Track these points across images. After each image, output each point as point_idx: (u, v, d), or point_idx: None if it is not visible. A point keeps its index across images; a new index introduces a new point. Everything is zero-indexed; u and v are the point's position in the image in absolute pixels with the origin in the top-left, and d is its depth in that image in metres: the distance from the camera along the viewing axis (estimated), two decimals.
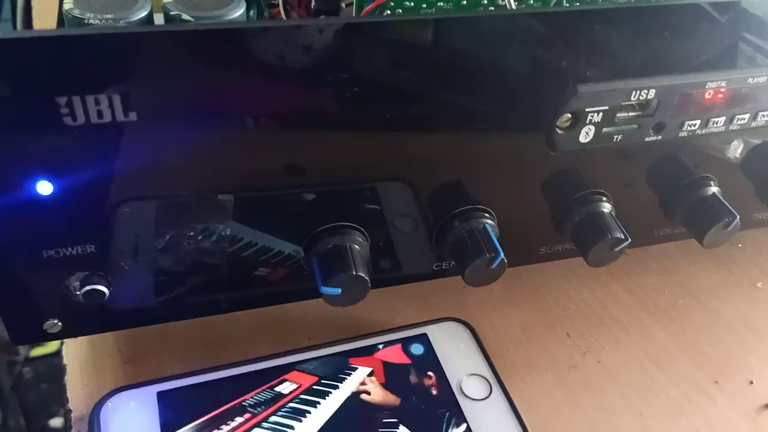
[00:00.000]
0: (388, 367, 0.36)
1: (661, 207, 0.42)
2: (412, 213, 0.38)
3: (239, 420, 0.33)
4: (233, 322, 0.41)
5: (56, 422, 1.15)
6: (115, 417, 0.34)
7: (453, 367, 0.38)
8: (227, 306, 0.36)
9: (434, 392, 0.36)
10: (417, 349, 0.39)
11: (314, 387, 0.35)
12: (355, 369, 0.36)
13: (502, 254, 0.36)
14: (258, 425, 0.33)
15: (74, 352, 0.39)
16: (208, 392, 0.35)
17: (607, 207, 0.39)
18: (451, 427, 0.34)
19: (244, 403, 0.33)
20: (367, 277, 0.34)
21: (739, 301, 0.46)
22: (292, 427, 0.33)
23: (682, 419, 0.38)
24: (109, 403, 0.34)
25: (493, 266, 0.36)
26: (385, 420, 0.33)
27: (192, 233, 0.32)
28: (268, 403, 0.34)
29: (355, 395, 0.35)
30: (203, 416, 0.33)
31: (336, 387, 0.34)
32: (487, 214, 0.38)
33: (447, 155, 0.36)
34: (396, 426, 0.33)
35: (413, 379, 0.36)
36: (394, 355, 0.37)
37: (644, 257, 0.48)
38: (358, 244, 0.35)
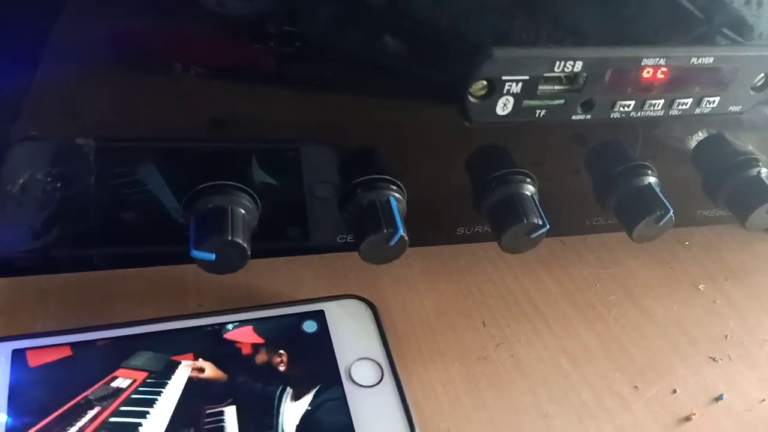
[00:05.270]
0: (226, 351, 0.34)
1: (593, 194, 0.38)
2: (315, 179, 0.34)
3: (90, 415, 0.30)
4: (122, 280, 0.38)
5: None
6: None
7: (345, 349, 0.35)
8: (99, 263, 0.33)
9: (281, 369, 0.33)
10: (310, 326, 0.36)
11: (148, 380, 0.32)
12: (179, 363, 0.33)
13: (402, 231, 0.32)
14: (113, 415, 0.30)
15: None
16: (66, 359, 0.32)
17: (529, 189, 0.36)
18: (283, 401, 0.31)
19: (90, 397, 0.31)
20: (245, 245, 0.31)
21: (676, 303, 0.42)
22: (140, 422, 0.30)
23: (590, 424, 0.35)
24: None
25: (392, 243, 0.33)
26: (209, 411, 0.31)
27: (50, 179, 0.29)
28: (110, 397, 0.31)
29: (191, 380, 0.32)
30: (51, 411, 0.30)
31: (168, 379, 0.32)
32: (394, 187, 0.34)
33: (353, 118, 0.32)
34: (221, 413, 0.31)
35: (261, 358, 0.34)
36: (245, 335, 0.34)
37: (582, 248, 0.45)
38: (244, 208, 0.32)
